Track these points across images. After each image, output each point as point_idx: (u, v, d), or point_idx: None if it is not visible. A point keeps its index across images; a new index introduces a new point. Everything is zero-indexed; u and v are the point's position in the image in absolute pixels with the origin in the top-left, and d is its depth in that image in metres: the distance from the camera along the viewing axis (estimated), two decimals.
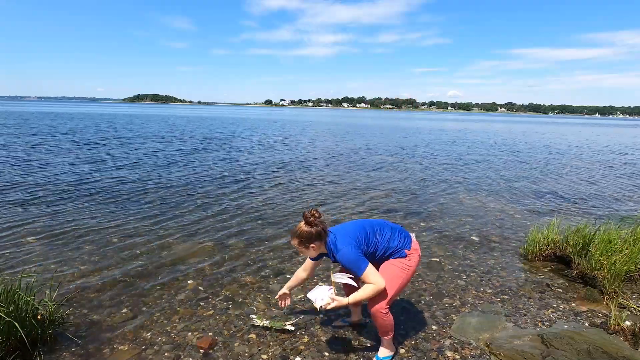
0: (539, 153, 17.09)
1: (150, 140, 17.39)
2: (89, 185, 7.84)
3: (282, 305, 3.06)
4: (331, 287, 2.43)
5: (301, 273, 2.92)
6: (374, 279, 2.35)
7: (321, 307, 2.30)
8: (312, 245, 2.44)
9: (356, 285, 2.44)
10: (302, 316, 3.24)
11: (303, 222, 2.44)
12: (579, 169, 12.42)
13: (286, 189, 8.22)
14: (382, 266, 2.57)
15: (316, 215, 2.43)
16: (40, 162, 10.29)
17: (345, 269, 2.54)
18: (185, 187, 7.94)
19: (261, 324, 3.07)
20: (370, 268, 2.36)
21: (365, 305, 3.04)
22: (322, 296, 2.37)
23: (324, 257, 2.70)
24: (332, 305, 2.29)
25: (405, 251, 2.55)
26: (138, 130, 22.99)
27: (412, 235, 2.68)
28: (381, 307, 2.51)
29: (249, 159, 12.61)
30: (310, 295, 2.42)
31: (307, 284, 3.67)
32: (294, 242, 2.48)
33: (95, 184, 7.97)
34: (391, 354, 2.71)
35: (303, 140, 20.25)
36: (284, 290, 2.99)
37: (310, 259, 2.80)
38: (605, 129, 50.40)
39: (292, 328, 3.02)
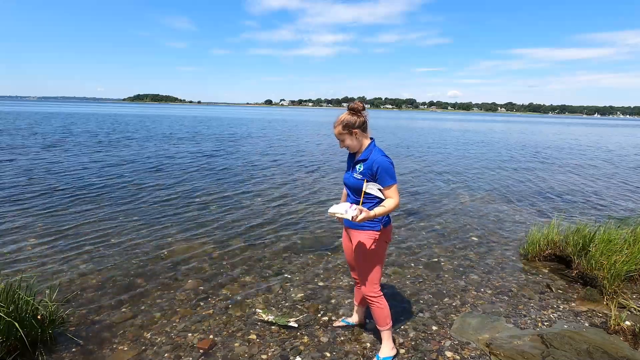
0: (538, 152, 17.08)
1: (158, 141, 17.38)
2: (89, 185, 7.83)
3: None
4: (352, 204, 2.40)
5: (344, 195, 2.86)
6: (395, 195, 2.44)
7: (353, 217, 2.31)
8: (354, 130, 2.50)
9: (383, 197, 2.47)
10: (305, 314, 3.25)
11: (346, 112, 2.55)
12: (580, 169, 12.42)
13: (288, 189, 8.22)
14: (361, 241, 2.57)
15: (360, 105, 2.55)
16: (41, 163, 10.29)
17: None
18: (185, 187, 7.94)
19: (265, 319, 3.09)
20: (395, 187, 2.45)
21: (368, 307, 3.05)
22: (347, 209, 2.35)
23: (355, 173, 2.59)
24: (362, 216, 2.31)
25: (381, 226, 2.53)
26: (147, 131, 22.95)
27: (392, 219, 2.70)
28: (372, 289, 2.59)
29: (254, 159, 12.61)
30: (335, 209, 2.37)
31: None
32: (338, 130, 2.54)
33: (96, 184, 7.97)
34: (392, 354, 2.71)
35: (312, 141, 20.24)
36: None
37: (349, 152, 2.71)
38: (606, 129, 50.37)
39: (296, 325, 3.05)
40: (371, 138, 2.58)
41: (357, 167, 2.53)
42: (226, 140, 18.46)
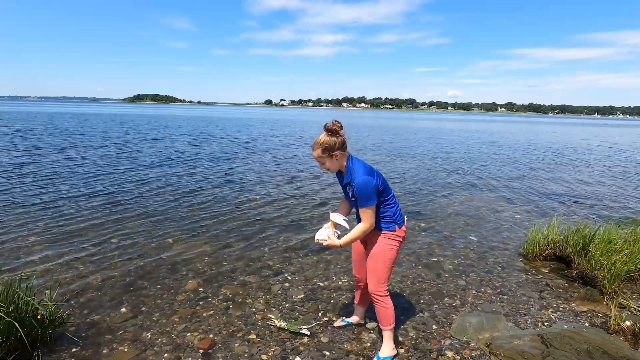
0: (539, 152, 17.07)
1: (156, 140, 17.39)
2: (89, 185, 7.84)
3: None
4: (335, 230, 2.56)
5: (343, 201, 2.83)
6: (368, 219, 2.41)
7: (317, 240, 2.52)
8: (334, 153, 2.43)
9: (347, 227, 2.54)
10: (319, 321, 3.19)
11: (324, 133, 2.45)
12: (580, 169, 12.41)
13: (289, 190, 8.22)
14: (375, 241, 2.61)
15: (338, 125, 2.45)
16: (41, 163, 10.29)
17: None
18: (185, 187, 7.94)
19: (278, 325, 3.06)
20: (372, 208, 2.40)
21: (368, 307, 3.05)
22: (323, 233, 2.56)
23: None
24: (326, 243, 2.46)
25: (396, 226, 2.55)
26: (158, 132, 22.90)
27: (405, 217, 2.70)
28: (379, 289, 2.59)
29: (254, 159, 12.61)
30: (319, 234, 2.60)
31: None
32: (317, 153, 2.46)
33: (96, 184, 7.97)
34: (392, 354, 2.71)
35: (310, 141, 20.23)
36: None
37: (336, 175, 2.70)
38: (608, 129, 50.33)
39: (308, 332, 2.98)
40: (349, 153, 2.51)
41: (348, 190, 2.53)
42: (240, 142, 18.25)
